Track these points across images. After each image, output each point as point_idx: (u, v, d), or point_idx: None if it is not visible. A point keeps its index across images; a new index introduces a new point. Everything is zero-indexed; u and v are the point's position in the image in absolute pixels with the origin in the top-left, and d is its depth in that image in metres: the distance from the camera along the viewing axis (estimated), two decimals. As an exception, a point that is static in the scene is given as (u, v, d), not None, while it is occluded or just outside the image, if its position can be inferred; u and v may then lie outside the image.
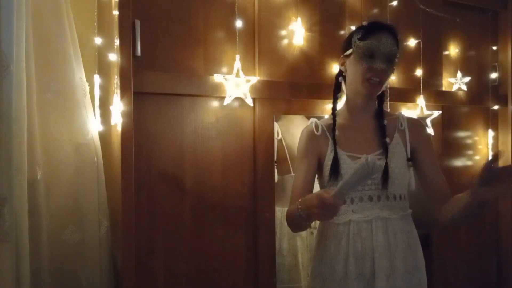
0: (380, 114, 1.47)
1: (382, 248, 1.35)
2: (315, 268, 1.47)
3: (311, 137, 1.48)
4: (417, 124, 1.52)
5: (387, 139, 1.42)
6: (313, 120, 1.52)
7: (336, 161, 1.40)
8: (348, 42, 1.45)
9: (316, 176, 1.52)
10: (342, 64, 1.48)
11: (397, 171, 1.39)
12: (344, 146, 1.43)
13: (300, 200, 1.29)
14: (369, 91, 1.39)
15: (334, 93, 1.51)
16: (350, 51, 1.43)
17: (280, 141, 1.94)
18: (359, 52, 1.38)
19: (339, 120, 1.48)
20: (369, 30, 1.39)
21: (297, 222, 1.35)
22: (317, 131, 1.47)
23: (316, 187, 1.51)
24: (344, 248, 1.38)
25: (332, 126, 1.45)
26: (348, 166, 1.39)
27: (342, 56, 1.48)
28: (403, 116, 1.50)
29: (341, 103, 1.55)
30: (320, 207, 1.16)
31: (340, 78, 1.51)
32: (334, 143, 1.42)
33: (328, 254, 1.41)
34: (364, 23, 1.43)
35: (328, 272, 1.40)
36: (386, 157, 1.39)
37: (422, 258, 1.44)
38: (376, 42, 1.36)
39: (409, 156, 1.43)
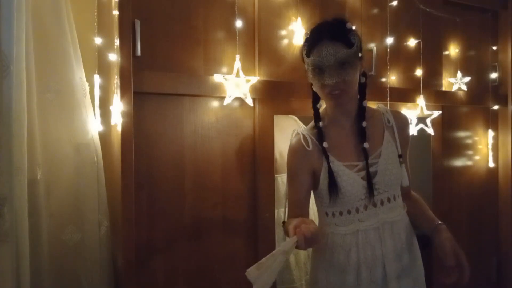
0: (360, 114, 1.38)
1: (391, 252, 1.34)
2: (322, 280, 1.40)
3: (303, 154, 1.38)
4: (404, 119, 1.46)
5: (366, 144, 1.34)
6: (299, 132, 1.42)
7: (331, 174, 1.33)
8: (301, 55, 1.38)
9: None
10: (310, 79, 1.38)
11: (394, 171, 1.36)
12: (338, 155, 1.36)
13: (287, 223, 1.29)
14: (335, 103, 1.34)
15: (313, 105, 1.42)
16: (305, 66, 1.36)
17: None
18: (309, 69, 1.32)
19: (325, 126, 1.40)
20: (311, 43, 1.31)
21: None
22: (308, 146, 1.37)
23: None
24: (354, 258, 1.34)
25: (320, 139, 1.37)
26: (348, 177, 1.33)
27: (305, 71, 1.39)
28: (387, 110, 1.43)
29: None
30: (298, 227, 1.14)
31: (314, 87, 1.40)
32: (326, 155, 1.35)
33: (337, 265, 1.36)
34: (306, 34, 1.35)
35: (339, 283, 1.36)
36: (367, 163, 1.33)
37: (418, 248, 1.44)
38: (318, 56, 1.28)
39: (399, 153, 1.39)
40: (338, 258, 1.36)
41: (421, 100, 2.02)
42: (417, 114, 2.00)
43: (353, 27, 1.32)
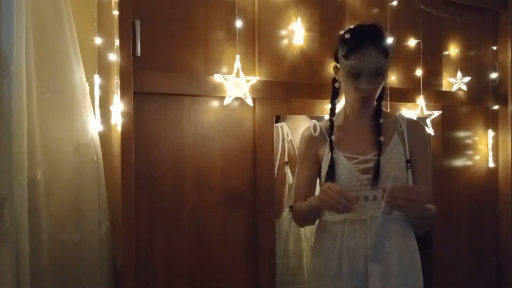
0: (377, 113, 1.47)
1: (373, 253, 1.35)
2: (311, 265, 1.50)
3: (309, 140, 1.52)
4: (417, 125, 1.52)
5: (382, 138, 1.41)
6: (313, 122, 1.53)
7: (332, 162, 1.42)
8: (336, 52, 1.43)
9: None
10: (335, 73, 1.48)
11: (393, 173, 1.36)
12: (341, 147, 1.45)
13: (309, 200, 1.39)
14: (362, 106, 1.42)
15: (332, 99, 1.52)
16: (339, 64, 1.42)
17: (290, 141, 1.94)
18: (345, 70, 1.36)
19: (337, 121, 1.50)
20: (352, 46, 1.34)
21: (305, 218, 1.48)
22: (315, 132, 1.50)
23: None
24: (338, 246, 1.39)
25: (329, 131, 1.47)
26: (345, 167, 1.40)
27: (334, 65, 1.48)
28: (402, 117, 1.49)
29: (341, 103, 1.57)
30: (335, 198, 1.24)
31: (336, 84, 1.50)
32: (331, 146, 1.44)
33: (323, 252, 1.43)
34: (347, 35, 1.37)
35: (322, 269, 1.42)
36: (379, 156, 1.39)
37: (418, 259, 1.44)
38: (360, 61, 1.32)
39: (408, 158, 1.43)
40: (325, 245, 1.43)
41: (421, 100, 2.02)
42: (417, 114, 2.00)
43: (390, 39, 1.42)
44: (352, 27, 1.48)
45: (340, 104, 1.59)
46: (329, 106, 1.54)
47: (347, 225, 1.39)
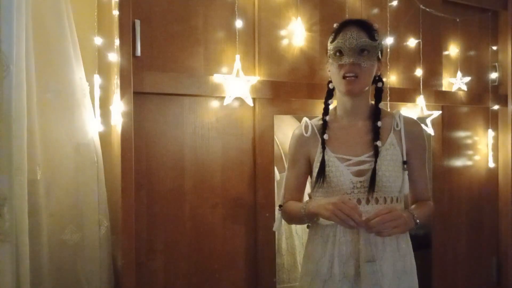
0: (375, 114, 1.42)
1: (367, 253, 1.32)
2: (303, 267, 1.48)
3: (300, 140, 1.48)
4: (415, 125, 1.47)
5: (379, 142, 1.38)
6: (305, 120, 1.49)
7: (323, 163, 1.39)
8: (327, 50, 1.44)
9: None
10: (328, 71, 1.46)
11: (388, 174, 1.35)
12: (333, 147, 1.41)
13: (304, 205, 1.38)
14: (347, 87, 1.36)
15: (326, 99, 1.48)
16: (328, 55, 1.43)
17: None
18: (331, 54, 1.39)
19: (331, 120, 1.46)
20: (337, 31, 1.40)
21: (298, 220, 1.45)
22: (306, 132, 1.46)
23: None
24: (330, 250, 1.37)
25: (322, 130, 1.44)
26: (337, 169, 1.37)
27: (327, 63, 1.47)
28: (400, 116, 1.44)
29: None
30: (337, 208, 1.23)
31: (330, 84, 1.48)
32: (323, 146, 1.41)
33: (315, 254, 1.41)
34: (335, 25, 1.42)
35: (314, 272, 1.40)
36: (375, 161, 1.36)
37: (412, 263, 1.42)
38: (342, 39, 1.36)
39: (404, 159, 1.40)
40: (317, 248, 1.41)
41: (421, 100, 2.02)
42: (417, 114, 2.00)
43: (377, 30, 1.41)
44: None
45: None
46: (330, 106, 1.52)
47: (339, 229, 1.36)
